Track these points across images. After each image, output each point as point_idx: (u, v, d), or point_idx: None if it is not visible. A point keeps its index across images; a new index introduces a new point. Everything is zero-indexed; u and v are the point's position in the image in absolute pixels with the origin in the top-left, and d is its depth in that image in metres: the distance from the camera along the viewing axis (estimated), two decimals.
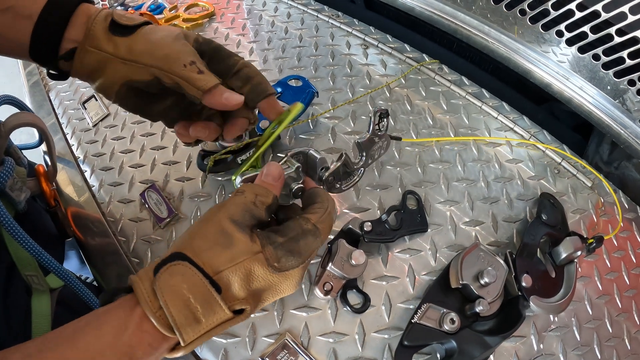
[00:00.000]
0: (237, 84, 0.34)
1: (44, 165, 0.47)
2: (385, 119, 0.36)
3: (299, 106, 0.37)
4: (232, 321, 0.25)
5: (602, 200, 0.48)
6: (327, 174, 0.34)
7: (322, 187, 0.34)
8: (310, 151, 0.35)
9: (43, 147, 0.55)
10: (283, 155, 0.33)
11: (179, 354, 0.25)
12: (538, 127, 0.53)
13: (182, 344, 0.24)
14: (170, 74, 0.29)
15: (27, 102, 0.61)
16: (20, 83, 0.64)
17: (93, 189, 0.49)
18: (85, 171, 0.51)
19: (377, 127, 0.36)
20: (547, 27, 0.49)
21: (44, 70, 0.64)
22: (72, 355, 0.22)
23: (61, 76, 0.32)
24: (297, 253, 0.27)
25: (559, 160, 0.50)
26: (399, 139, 0.45)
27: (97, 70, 0.30)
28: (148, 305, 0.23)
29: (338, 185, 0.36)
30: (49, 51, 0.29)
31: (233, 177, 0.34)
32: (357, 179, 0.37)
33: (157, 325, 0.23)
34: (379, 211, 0.43)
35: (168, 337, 0.24)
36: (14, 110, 0.42)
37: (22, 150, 0.56)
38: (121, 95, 0.31)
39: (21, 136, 0.64)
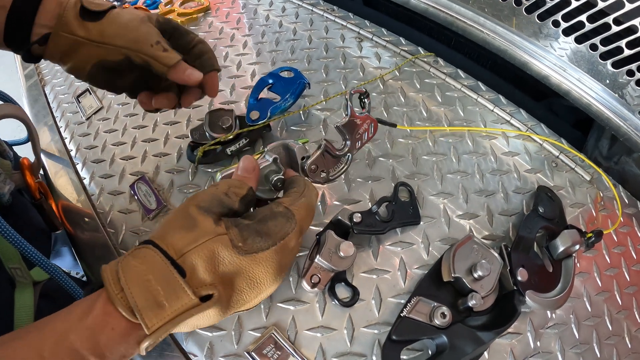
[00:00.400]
0: (192, 58, 0.37)
1: (29, 159, 0.47)
2: (365, 99, 0.36)
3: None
4: (200, 307, 0.24)
5: (602, 194, 0.47)
6: (308, 162, 0.34)
7: (306, 178, 0.33)
8: (289, 142, 0.34)
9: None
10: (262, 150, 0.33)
11: (145, 344, 0.23)
12: (535, 121, 0.52)
13: (146, 331, 0.23)
14: (140, 54, 0.32)
15: (24, 97, 0.61)
16: (17, 78, 0.65)
17: (84, 181, 0.48)
18: (78, 164, 0.50)
19: (357, 108, 0.35)
20: (543, 17, 0.48)
21: (40, 66, 0.64)
22: (37, 341, 0.21)
23: (34, 59, 0.34)
24: (265, 234, 0.26)
25: (556, 153, 0.49)
26: (393, 125, 0.44)
27: (70, 54, 0.32)
28: (111, 287, 0.23)
29: (324, 174, 0.35)
30: (22, 37, 0.32)
31: (217, 175, 0.35)
32: (345, 167, 0.37)
33: (118, 307, 0.23)
34: (370, 203, 0.42)
35: (133, 324, 0.23)
36: None
37: (13, 147, 0.56)
38: (92, 74, 0.34)
39: (14, 132, 0.64)
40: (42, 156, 0.53)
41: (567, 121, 0.57)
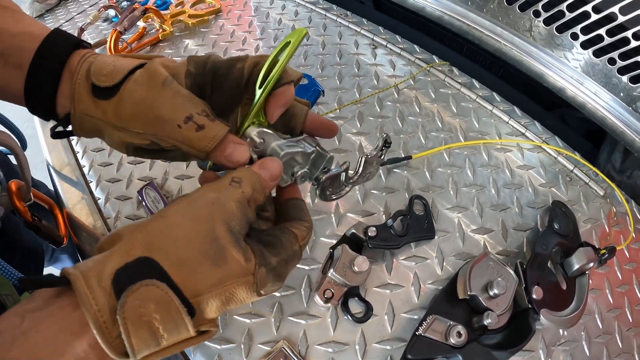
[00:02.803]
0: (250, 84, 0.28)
1: (19, 181, 0.44)
2: (386, 148, 0.32)
3: (303, 31, 0.28)
4: (195, 340, 0.21)
5: (615, 209, 0.47)
6: (325, 176, 0.30)
7: (315, 188, 0.30)
8: (320, 145, 0.30)
9: (44, 146, 0.54)
10: (293, 140, 0.28)
11: None
12: (550, 133, 0.52)
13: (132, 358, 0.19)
14: (166, 139, 0.24)
15: None
16: None
17: (91, 185, 0.47)
18: (84, 166, 0.50)
19: (380, 152, 0.32)
20: (561, 30, 0.47)
21: None
22: None
23: (68, 132, 0.28)
24: (282, 278, 0.24)
25: (571, 167, 0.49)
26: (408, 158, 0.42)
27: (96, 134, 0.26)
28: (104, 335, 0.18)
29: (328, 192, 0.32)
30: (46, 111, 0.26)
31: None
32: (340, 196, 0.33)
33: (111, 354, 0.18)
34: (384, 216, 0.42)
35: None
36: None
37: (10, 156, 0.54)
38: (132, 152, 0.27)
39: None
40: (48, 159, 0.52)
41: (579, 132, 0.57)
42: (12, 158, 0.56)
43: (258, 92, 0.26)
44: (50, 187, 0.54)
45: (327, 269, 0.36)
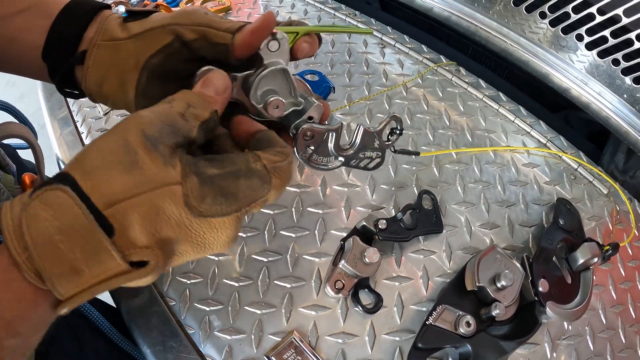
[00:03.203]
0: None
1: (32, 174, 0.44)
2: (397, 132, 0.30)
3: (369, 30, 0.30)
4: (129, 276, 0.18)
5: (618, 208, 0.47)
6: (306, 126, 0.26)
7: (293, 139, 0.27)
8: (311, 94, 0.27)
9: (52, 133, 0.55)
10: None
11: (63, 310, 0.18)
12: (554, 133, 0.53)
13: (60, 298, 0.18)
14: (190, 25, 0.24)
15: (39, 89, 0.61)
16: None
17: None
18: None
19: (387, 138, 0.30)
20: (566, 31, 0.48)
21: None
22: None
23: (74, 92, 0.28)
24: (231, 195, 0.20)
25: (575, 166, 0.50)
26: (417, 153, 0.41)
27: (109, 68, 0.26)
28: (13, 244, 0.17)
29: (312, 155, 0.28)
30: (64, 52, 0.26)
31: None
32: (327, 168, 0.29)
33: (24, 273, 0.17)
34: (393, 210, 0.42)
35: (45, 290, 0.18)
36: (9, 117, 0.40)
37: (19, 150, 0.54)
38: (142, 87, 0.25)
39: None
40: (58, 152, 0.53)
41: (583, 133, 0.58)
42: (20, 153, 0.57)
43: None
44: None
45: (337, 260, 0.36)
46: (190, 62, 0.25)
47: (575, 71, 0.51)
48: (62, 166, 0.52)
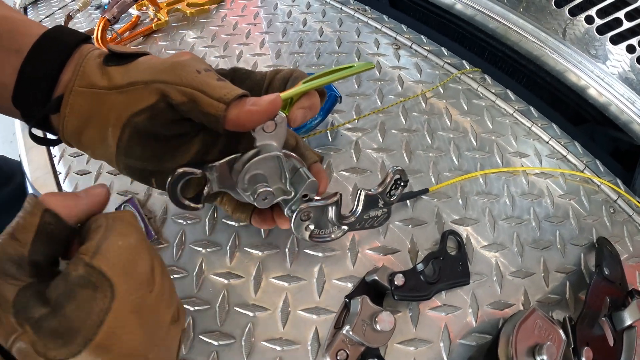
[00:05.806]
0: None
1: None
2: (401, 185, 0.28)
3: (370, 65, 0.28)
4: None
5: None
6: (303, 206, 0.25)
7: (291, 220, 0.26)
8: (303, 169, 0.25)
9: (22, 146, 0.47)
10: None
11: None
12: (591, 156, 0.45)
13: None
14: (179, 85, 0.21)
15: None
16: None
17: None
18: (60, 174, 0.43)
19: (388, 193, 0.28)
20: (616, 41, 0.41)
21: None
22: None
23: (50, 139, 0.25)
24: (66, 331, 0.16)
25: (614, 197, 0.42)
26: (425, 191, 0.37)
27: (91, 118, 0.22)
28: None
29: (312, 230, 0.27)
30: (37, 97, 0.23)
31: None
32: (331, 239, 0.28)
33: None
34: (409, 254, 0.35)
35: None
36: None
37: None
38: (124, 145, 0.22)
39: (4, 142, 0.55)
40: (25, 162, 0.45)
41: (606, 150, 0.51)
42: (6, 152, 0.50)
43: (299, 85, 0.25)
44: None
45: (341, 322, 0.29)
46: (177, 123, 0.23)
47: (620, 86, 0.43)
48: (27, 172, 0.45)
